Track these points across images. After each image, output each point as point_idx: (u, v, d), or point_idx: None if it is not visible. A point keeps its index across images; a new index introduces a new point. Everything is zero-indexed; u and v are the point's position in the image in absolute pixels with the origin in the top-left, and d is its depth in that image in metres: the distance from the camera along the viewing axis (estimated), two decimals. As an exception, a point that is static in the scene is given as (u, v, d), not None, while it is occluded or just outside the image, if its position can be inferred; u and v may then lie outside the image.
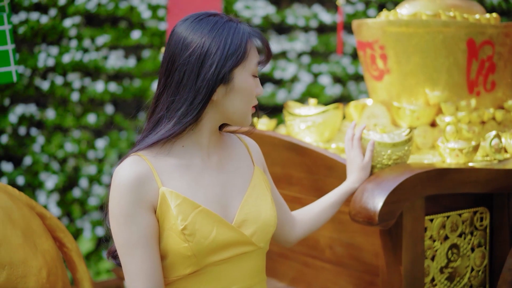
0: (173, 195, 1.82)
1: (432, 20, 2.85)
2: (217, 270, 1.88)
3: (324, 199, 2.28)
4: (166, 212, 1.82)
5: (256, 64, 1.90)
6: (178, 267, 1.85)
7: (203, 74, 1.84)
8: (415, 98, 2.94)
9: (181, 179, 1.87)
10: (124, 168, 1.82)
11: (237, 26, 1.89)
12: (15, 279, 2.17)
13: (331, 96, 5.65)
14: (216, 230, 1.85)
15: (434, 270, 2.45)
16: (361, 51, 3.08)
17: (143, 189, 1.81)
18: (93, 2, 5.03)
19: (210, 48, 1.85)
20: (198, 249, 1.82)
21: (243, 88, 1.88)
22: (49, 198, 4.90)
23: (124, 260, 1.83)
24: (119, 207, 1.81)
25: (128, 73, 5.18)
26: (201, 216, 1.83)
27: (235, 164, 2.02)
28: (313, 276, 2.77)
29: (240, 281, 1.93)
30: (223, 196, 1.93)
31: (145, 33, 5.16)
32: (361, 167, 2.33)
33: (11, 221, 2.25)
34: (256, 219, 1.94)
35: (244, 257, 1.93)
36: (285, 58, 5.66)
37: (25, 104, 4.97)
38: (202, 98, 1.85)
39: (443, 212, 2.46)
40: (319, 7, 5.74)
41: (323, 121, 2.91)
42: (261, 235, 1.95)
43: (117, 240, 1.83)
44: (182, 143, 1.91)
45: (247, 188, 1.99)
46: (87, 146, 5.05)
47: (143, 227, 1.81)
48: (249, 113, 1.94)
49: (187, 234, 1.80)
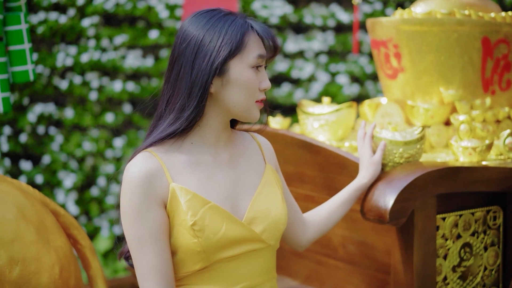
0: (183, 191, 1.84)
1: (447, 19, 2.84)
2: (227, 267, 1.89)
3: (334, 199, 2.27)
4: (176, 208, 1.83)
5: (256, 56, 1.88)
6: (187, 263, 1.86)
7: (197, 65, 1.86)
8: (429, 97, 2.93)
9: (192, 176, 1.88)
10: (135, 165, 1.84)
11: (236, 19, 1.89)
12: (28, 275, 2.19)
13: (348, 96, 5.64)
14: (225, 226, 1.85)
15: (447, 269, 2.45)
16: (375, 50, 3.07)
17: (154, 185, 1.83)
18: (111, 2, 5.06)
19: (205, 39, 1.87)
20: (207, 245, 1.83)
21: (239, 80, 1.88)
22: (67, 196, 4.94)
23: (135, 255, 1.85)
24: (130, 203, 1.82)
25: (145, 72, 5.21)
26: (211, 212, 1.84)
27: (246, 161, 2.02)
28: (327, 274, 2.77)
29: (249, 279, 1.93)
30: (233, 193, 1.93)
31: (162, 33, 5.19)
32: (370, 163, 2.32)
33: (24, 218, 2.27)
34: (266, 216, 1.94)
35: (254, 254, 1.93)
36: (302, 58, 5.67)
37: (44, 103, 5.02)
38: (198, 90, 1.86)
39: (456, 211, 2.45)
40: (336, 7, 5.74)
41: (337, 120, 2.91)
42: (271, 232, 1.95)
43: (128, 236, 1.85)
44: (191, 140, 1.92)
45: (257, 185, 1.99)
46: (105, 145, 5.09)
47: (154, 223, 1.82)
48: (253, 108, 1.92)
49: (196, 230, 1.81)
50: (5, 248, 2.17)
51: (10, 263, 2.17)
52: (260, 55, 1.89)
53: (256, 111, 1.93)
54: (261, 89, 1.91)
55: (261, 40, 1.91)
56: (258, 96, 1.92)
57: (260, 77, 1.92)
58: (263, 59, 1.91)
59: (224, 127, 1.97)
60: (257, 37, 1.91)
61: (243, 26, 1.88)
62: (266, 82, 1.92)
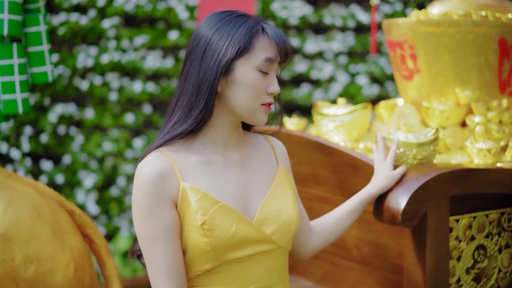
0: (193, 190, 1.85)
1: (463, 20, 2.83)
2: (236, 268, 1.90)
3: (341, 209, 2.26)
4: (186, 207, 1.85)
5: (264, 59, 1.88)
6: (197, 263, 1.88)
7: (205, 63, 1.88)
8: (445, 98, 2.92)
9: (202, 176, 1.90)
10: (146, 164, 1.86)
11: (248, 21, 1.90)
12: (43, 274, 2.23)
13: (368, 96, 5.63)
14: (235, 226, 1.86)
15: (460, 271, 2.44)
16: (391, 51, 3.07)
17: (165, 184, 1.84)
18: (132, 3, 5.10)
19: (213, 38, 1.89)
20: (217, 245, 1.84)
21: (244, 81, 1.88)
22: (88, 196, 4.99)
23: (146, 254, 1.86)
24: (142, 202, 1.85)
25: (165, 73, 5.24)
26: (221, 212, 1.85)
27: (258, 163, 2.03)
28: (341, 275, 2.78)
29: (260, 280, 1.94)
30: (244, 194, 1.94)
31: (182, 34, 5.22)
32: (387, 176, 2.29)
33: (40, 217, 2.31)
34: (277, 218, 1.95)
35: (264, 256, 1.94)
36: (322, 58, 5.66)
37: (65, 103, 5.06)
38: (206, 89, 1.88)
39: (470, 213, 2.44)
40: (356, 7, 5.73)
41: (352, 121, 2.91)
42: (282, 234, 1.95)
43: (139, 235, 1.87)
44: (201, 141, 1.94)
45: (269, 186, 2.00)
46: (125, 145, 5.12)
47: (165, 221, 1.84)
48: (258, 110, 1.91)
49: (206, 229, 1.83)
50: (20, 247, 2.20)
51: (26, 262, 2.20)
52: (268, 58, 1.89)
53: (262, 115, 1.92)
54: (268, 92, 1.91)
55: (272, 44, 1.91)
56: (265, 100, 1.91)
57: (268, 80, 1.91)
58: (272, 63, 1.90)
59: (234, 128, 1.97)
60: (268, 40, 1.91)
61: (254, 28, 1.89)
62: (274, 86, 1.91)
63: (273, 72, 1.93)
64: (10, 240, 2.19)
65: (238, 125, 1.99)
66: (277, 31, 1.93)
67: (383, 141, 2.37)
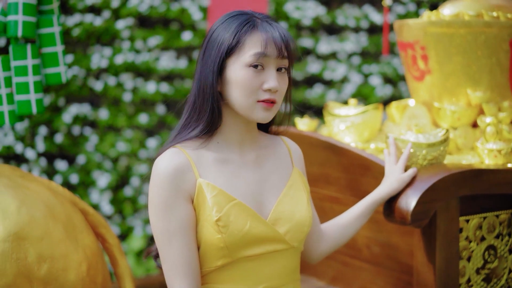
0: (209, 186, 1.87)
1: (474, 21, 2.83)
2: (248, 265, 1.91)
3: (350, 212, 2.26)
4: (202, 203, 1.87)
5: (253, 55, 1.87)
6: (210, 258, 1.89)
7: (204, 66, 1.93)
8: (456, 99, 2.93)
9: (218, 173, 1.92)
10: (164, 160, 1.89)
11: (241, 19, 1.91)
12: (56, 272, 2.25)
13: (381, 97, 5.63)
14: (249, 224, 1.88)
15: (470, 271, 2.44)
16: (403, 52, 3.08)
17: (182, 180, 1.87)
18: (146, 4, 5.12)
19: (210, 40, 1.94)
20: (230, 241, 1.86)
21: (235, 79, 1.89)
22: (102, 196, 5.02)
23: (162, 249, 1.88)
24: (159, 196, 1.87)
25: (179, 74, 5.26)
26: (236, 209, 1.87)
27: (273, 163, 2.05)
28: (352, 275, 2.79)
29: (271, 279, 1.95)
30: (259, 193, 1.96)
31: (196, 34, 5.24)
32: (397, 179, 2.28)
33: (53, 216, 2.33)
34: (290, 218, 1.97)
35: (277, 255, 1.95)
36: (335, 59, 5.67)
37: (79, 104, 5.10)
38: (208, 91, 1.91)
39: (480, 213, 2.45)
40: (369, 8, 5.73)
41: (363, 121, 2.92)
42: (294, 234, 1.97)
43: (155, 230, 1.89)
44: (217, 140, 1.97)
45: (284, 187, 2.02)
46: (139, 145, 5.15)
47: (181, 217, 1.86)
48: (255, 107, 1.90)
49: (221, 226, 1.85)
50: (34, 246, 2.23)
51: (39, 260, 2.23)
52: (256, 53, 1.87)
53: (260, 112, 1.91)
54: (263, 89, 1.89)
55: (262, 38, 1.89)
56: (261, 96, 1.90)
57: (264, 76, 1.90)
58: (263, 57, 1.88)
59: (246, 127, 1.99)
60: (258, 36, 1.89)
61: (244, 25, 1.90)
62: (269, 82, 1.89)
63: (270, 68, 1.91)
64: (23, 239, 2.22)
65: (250, 124, 2.00)
66: (270, 25, 1.92)
67: (395, 144, 2.37)
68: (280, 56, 1.91)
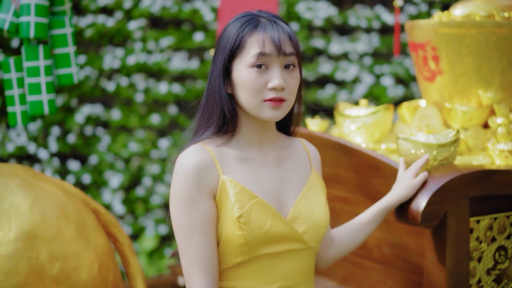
0: (232, 183, 1.89)
1: (485, 21, 2.83)
2: (266, 263, 1.93)
3: (359, 219, 2.26)
4: (224, 199, 1.88)
5: (255, 55, 1.88)
6: (229, 255, 1.91)
7: (214, 65, 1.96)
8: (467, 100, 2.92)
9: (240, 170, 1.94)
10: (188, 155, 1.90)
11: (244, 20, 1.93)
12: (68, 271, 2.27)
13: (393, 97, 5.62)
14: (270, 222, 1.90)
15: (481, 272, 2.44)
16: (414, 52, 3.08)
17: (205, 176, 1.88)
18: (158, 5, 5.14)
19: (220, 40, 1.96)
20: (251, 238, 1.87)
21: (240, 81, 1.91)
22: (114, 196, 5.04)
23: (182, 245, 1.89)
24: (181, 192, 1.88)
25: (191, 74, 5.28)
26: (257, 207, 1.89)
27: (292, 164, 2.06)
28: (363, 276, 2.79)
29: (287, 278, 1.97)
30: (278, 192, 1.98)
31: (208, 35, 5.25)
32: (407, 185, 2.27)
33: (65, 216, 2.35)
34: (308, 218, 1.98)
35: (294, 254, 1.97)
36: (347, 59, 5.67)
37: (92, 104, 5.12)
38: (217, 91, 1.94)
39: (491, 214, 2.44)
40: (381, 8, 5.73)
41: (373, 122, 2.92)
42: (312, 234, 1.99)
43: (176, 225, 1.90)
44: (237, 139, 1.99)
45: (302, 188, 2.03)
46: (151, 145, 5.17)
47: (203, 213, 1.87)
48: (262, 107, 1.91)
49: (242, 223, 1.86)
50: (46, 245, 2.25)
51: (51, 259, 2.25)
52: (258, 53, 1.88)
53: (267, 111, 1.92)
54: (268, 88, 1.90)
55: (262, 38, 1.90)
56: (266, 95, 1.91)
57: (269, 75, 1.90)
58: (265, 57, 1.89)
59: (263, 127, 2.00)
60: (259, 35, 1.90)
61: (246, 26, 1.92)
62: (274, 80, 1.90)
63: (274, 67, 1.91)
64: (36, 238, 2.23)
65: (266, 124, 2.01)
66: (272, 25, 1.92)
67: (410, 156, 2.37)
68: (281, 54, 1.90)
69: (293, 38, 1.94)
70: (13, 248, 2.18)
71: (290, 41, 1.93)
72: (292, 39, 1.94)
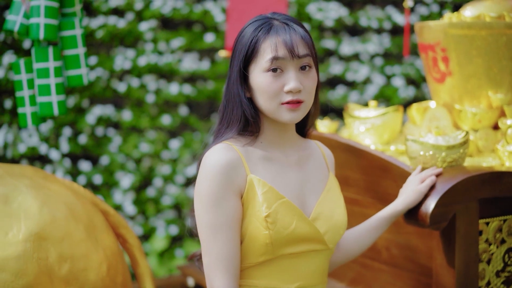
0: (260, 182, 1.90)
1: (495, 22, 2.82)
2: (287, 263, 1.94)
3: (365, 224, 2.26)
4: (252, 198, 1.89)
5: (269, 60, 1.89)
6: (252, 254, 1.91)
7: (231, 71, 1.97)
8: (477, 101, 2.91)
9: (265, 170, 1.95)
10: (216, 153, 1.90)
11: (257, 24, 1.94)
12: (77, 272, 2.28)
13: (404, 98, 5.61)
14: (295, 223, 1.91)
15: (490, 274, 2.43)
16: (423, 54, 3.07)
17: (233, 174, 1.89)
18: (168, 6, 5.15)
19: (236, 45, 1.97)
20: (276, 238, 1.88)
21: (257, 85, 1.92)
22: (125, 196, 5.05)
23: (206, 242, 1.89)
24: (209, 189, 1.88)
25: (202, 75, 5.29)
26: (284, 207, 1.90)
27: (313, 166, 2.08)
28: (372, 277, 2.79)
29: (306, 278, 1.98)
30: (301, 193, 1.99)
31: (218, 36, 5.26)
32: (414, 190, 2.27)
33: (74, 217, 2.36)
34: (329, 219, 2.00)
35: (313, 255, 1.98)
36: (357, 60, 5.66)
37: (103, 105, 5.14)
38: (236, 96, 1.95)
39: (500, 216, 2.43)
40: (392, 9, 5.72)
41: (383, 123, 2.92)
42: (331, 235, 2.00)
43: (201, 222, 1.90)
44: (261, 140, 2.00)
45: (322, 189, 2.05)
46: (162, 146, 5.18)
47: (230, 211, 1.88)
48: (280, 110, 1.92)
49: (269, 222, 1.87)
50: (55, 246, 2.26)
51: (60, 260, 2.26)
52: (272, 58, 1.90)
53: (285, 113, 1.93)
54: (285, 91, 1.91)
55: (276, 42, 1.91)
56: (283, 98, 1.92)
57: (284, 79, 1.91)
58: (280, 61, 1.90)
59: (285, 128, 2.02)
60: (272, 39, 1.91)
61: (260, 30, 1.92)
62: (290, 84, 1.91)
63: (289, 70, 1.92)
64: (45, 239, 2.25)
65: (287, 125, 2.02)
66: (285, 27, 1.93)
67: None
68: (295, 56, 1.91)
69: (306, 39, 1.94)
70: (22, 249, 2.19)
71: (303, 42, 1.93)
72: (306, 40, 1.94)
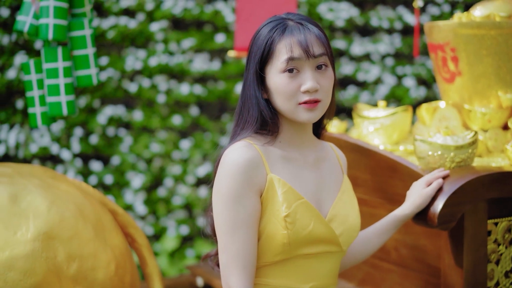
0: (280, 182, 1.90)
1: (505, 22, 2.81)
2: (301, 263, 1.95)
3: (372, 228, 2.26)
4: (272, 197, 1.89)
5: (284, 61, 1.90)
6: (269, 253, 1.92)
7: (247, 72, 1.97)
8: (487, 101, 2.90)
9: (284, 170, 1.95)
10: (237, 151, 1.90)
11: (272, 25, 1.94)
12: (85, 271, 2.29)
13: (415, 98, 5.60)
14: (313, 224, 1.92)
15: (499, 274, 2.42)
16: (433, 53, 3.06)
17: (254, 173, 1.89)
18: (179, 7, 5.16)
19: (251, 47, 1.98)
20: (294, 238, 1.88)
21: (274, 86, 1.92)
22: (136, 196, 5.06)
23: (223, 240, 1.89)
24: (229, 187, 1.88)
25: (212, 75, 5.29)
26: (302, 208, 1.90)
27: (328, 167, 2.08)
28: (381, 277, 2.78)
29: (318, 279, 1.98)
30: (317, 194, 2.00)
31: (229, 37, 5.26)
32: (420, 194, 2.27)
33: (83, 216, 2.37)
34: (344, 221, 2.00)
35: (328, 256, 1.99)
36: (368, 60, 5.65)
37: (114, 105, 5.15)
38: (253, 98, 1.95)
39: (509, 216, 2.42)
40: (403, 9, 5.70)
41: (392, 123, 2.91)
42: (346, 238, 2.01)
43: (220, 220, 1.90)
44: (279, 139, 2.00)
45: (337, 191, 2.05)
46: (173, 146, 5.19)
47: (249, 209, 1.88)
48: (297, 110, 1.93)
49: (288, 222, 1.87)
50: (63, 245, 2.27)
51: (68, 259, 2.27)
52: (288, 58, 1.90)
53: (302, 113, 1.93)
54: (302, 91, 1.92)
55: (290, 42, 1.91)
56: (301, 98, 1.92)
57: (301, 79, 1.92)
58: (296, 61, 1.91)
59: (303, 128, 2.02)
60: (287, 40, 1.91)
61: (275, 31, 1.93)
62: (307, 84, 1.91)
63: (306, 70, 1.92)
64: (53, 238, 2.26)
65: (304, 125, 2.02)
66: (299, 28, 1.93)
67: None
68: (310, 56, 1.91)
69: (321, 38, 1.94)
70: (30, 248, 2.20)
71: (319, 41, 1.93)
72: (321, 39, 1.94)
